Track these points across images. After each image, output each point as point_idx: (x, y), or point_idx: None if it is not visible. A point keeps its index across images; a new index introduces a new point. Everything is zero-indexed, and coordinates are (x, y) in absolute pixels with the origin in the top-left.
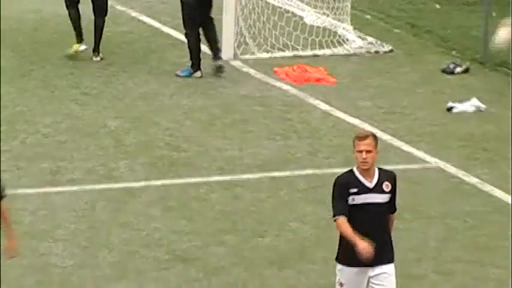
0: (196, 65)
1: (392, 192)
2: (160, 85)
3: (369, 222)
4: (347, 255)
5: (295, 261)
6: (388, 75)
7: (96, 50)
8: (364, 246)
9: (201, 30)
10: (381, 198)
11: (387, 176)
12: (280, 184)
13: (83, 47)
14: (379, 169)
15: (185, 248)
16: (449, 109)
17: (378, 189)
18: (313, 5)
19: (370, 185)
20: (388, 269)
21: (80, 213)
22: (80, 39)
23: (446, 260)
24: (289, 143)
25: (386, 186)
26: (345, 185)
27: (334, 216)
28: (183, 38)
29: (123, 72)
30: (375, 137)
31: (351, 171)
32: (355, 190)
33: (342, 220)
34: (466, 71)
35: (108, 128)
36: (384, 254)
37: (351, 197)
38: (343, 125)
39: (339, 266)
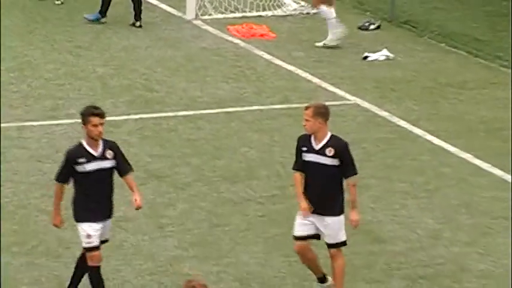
0: (103, 12)
1: (340, 157)
2: (137, 40)
3: (317, 179)
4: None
5: (244, 178)
6: (316, 32)
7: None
8: (303, 207)
9: None
10: (325, 160)
11: (334, 142)
12: (233, 117)
13: None
14: (332, 136)
15: (158, 168)
16: (365, 58)
17: (321, 151)
18: None
19: (316, 147)
20: (331, 220)
21: (74, 140)
22: None
23: (364, 176)
24: (239, 85)
25: (329, 151)
26: (298, 142)
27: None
28: (154, 1)
29: (108, 30)
30: (316, 108)
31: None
32: (305, 149)
33: (296, 176)
34: (377, 27)
35: (97, 74)
36: (327, 208)
37: (303, 154)
38: (282, 71)
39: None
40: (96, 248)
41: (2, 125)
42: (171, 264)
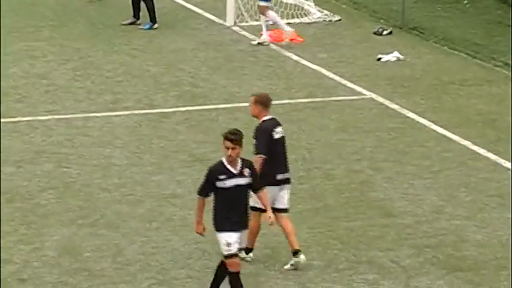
0: (153, 19)
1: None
2: (184, 43)
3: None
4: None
5: None
6: (337, 36)
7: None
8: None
9: None
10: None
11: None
12: None
13: None
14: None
15: (202, 152)
16: (379, 59)
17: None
18: None
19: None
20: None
21: (131, 129)
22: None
23: (377, 160)
24: (271, 81)
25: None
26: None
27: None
28: (199, 10)
29: (160, 34)
30: (257, 97)
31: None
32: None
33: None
34: (390, 33)
35: (150, 72)
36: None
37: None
38: (308, 70)
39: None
40: (235, 255)
41: (68, 116)
42: (214, 235)
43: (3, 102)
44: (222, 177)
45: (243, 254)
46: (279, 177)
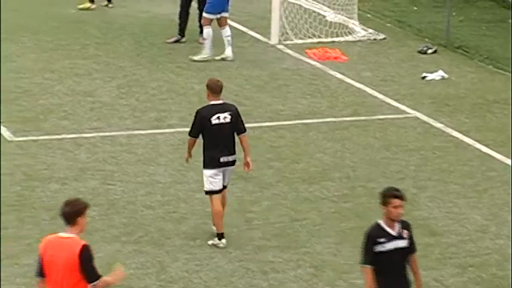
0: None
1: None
2: (228, 61)
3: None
4: None
5: (319, 179)
6: (382, 55)
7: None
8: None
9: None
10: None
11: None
12: (310, 128)
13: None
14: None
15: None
16: (423, 77)
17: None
18: (332, 7)
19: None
20: None
21: (175, 147)
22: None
23: (421, 179)
24: (315, 100)
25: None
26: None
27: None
28: (243, 29)
29: None
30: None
31: None
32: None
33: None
34: (434, 52)
35: (194, 90)
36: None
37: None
38: (352, 88)
39: None
40: None
41: (113, 133)
42: (257, 253)
43: (48, 120)
44: (381, 240)
45: (215, 241)
46: (222, 159)
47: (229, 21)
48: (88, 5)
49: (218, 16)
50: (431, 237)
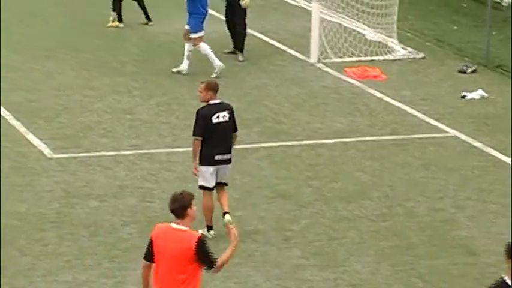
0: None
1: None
2: (267, 79)
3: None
4: None
5: (358, 198)
6: (421, 74)
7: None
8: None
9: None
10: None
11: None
12: (348, 146)
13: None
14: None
15: (284, 189)
16: (463, 97)
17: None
18: (371, 25)
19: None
20: None
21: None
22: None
23: (461, 198)
24: (354, 118)
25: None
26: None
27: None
28: (283, 47)
29: (243, 70)
30: (208, 83)
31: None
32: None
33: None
34: (474, 71)
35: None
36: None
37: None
38: (391, 107)
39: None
40: None
41: (152, 150)
42: (295, 271)
43: (87, 137)
44: None
45: (204, 231)
46: (217, 157)
47: (268, 40)
48: (116, 23)
49: (204, 33)
50: (470, 256)
